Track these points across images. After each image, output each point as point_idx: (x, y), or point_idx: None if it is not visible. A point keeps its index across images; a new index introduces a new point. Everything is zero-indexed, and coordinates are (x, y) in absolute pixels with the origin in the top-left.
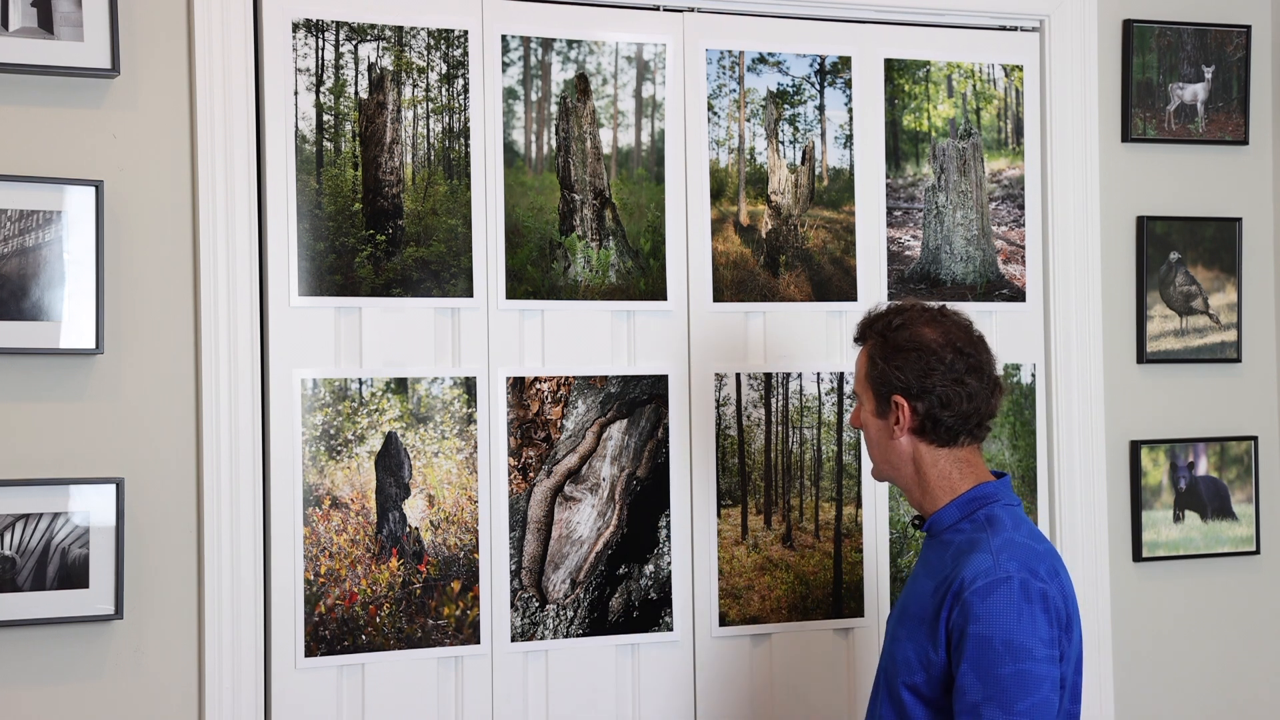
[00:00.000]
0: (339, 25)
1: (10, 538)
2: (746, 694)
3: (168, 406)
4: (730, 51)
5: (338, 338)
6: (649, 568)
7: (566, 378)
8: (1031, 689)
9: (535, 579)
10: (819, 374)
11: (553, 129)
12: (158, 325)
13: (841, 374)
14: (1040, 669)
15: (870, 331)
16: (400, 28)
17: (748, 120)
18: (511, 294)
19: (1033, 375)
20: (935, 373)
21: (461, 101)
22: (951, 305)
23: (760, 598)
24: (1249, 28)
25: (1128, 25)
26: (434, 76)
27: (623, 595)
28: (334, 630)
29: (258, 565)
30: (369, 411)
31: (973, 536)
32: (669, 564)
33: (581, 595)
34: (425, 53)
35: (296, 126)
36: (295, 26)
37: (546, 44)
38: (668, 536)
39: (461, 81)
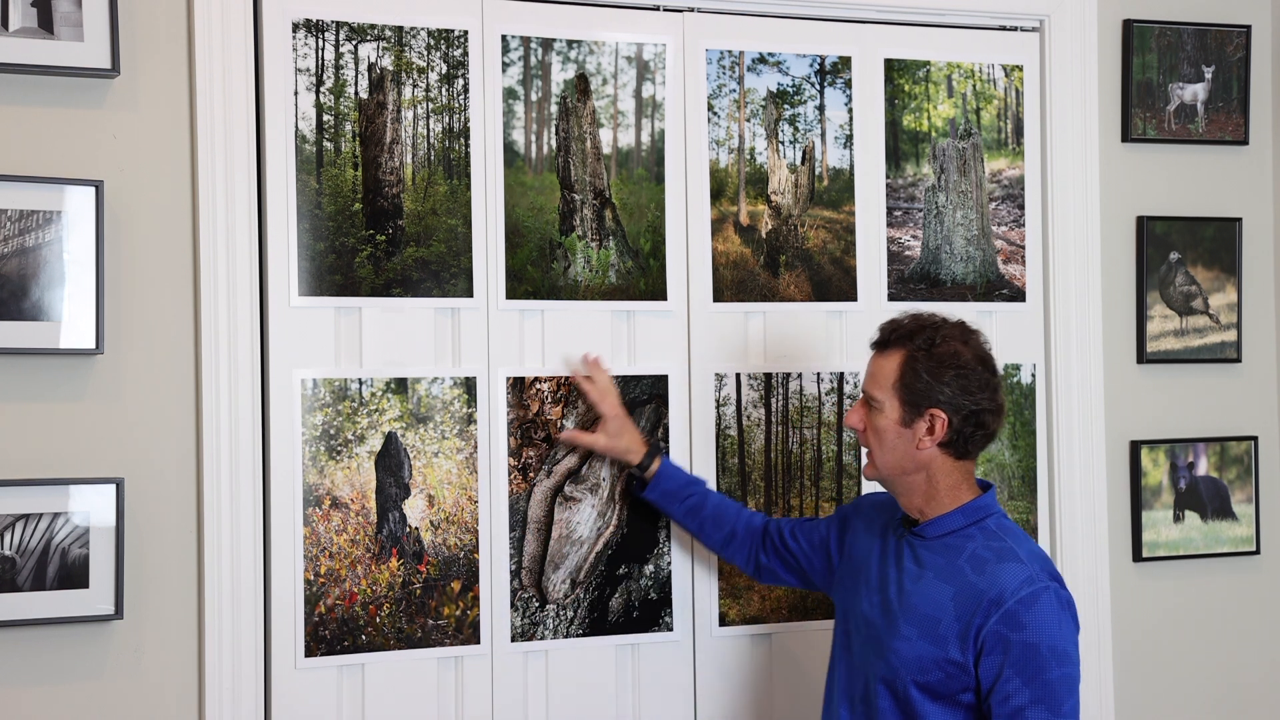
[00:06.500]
0: (339, 25)
1: (10, 538)
2: (746, 694)
3: (168, 406)
4: (730, 51)
5: (338, 338)
6: (649, 568)
7: (567, 378)
8: (1074, 690)
9: (535, 579)
10: (819, 374)
11: (553, 129)
12: (158, 325)
13: (841, 374)
14: (1076, 672)
15: (909, 342)
16: (400, 28)
17: (748, 120)
18: (511, 294)
19: (1033, 375)
20: (976, 392)
21: (461, 101)
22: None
23: (760, 598)
24: (1249, 28)
25: (1128, 25)
26: (434, 76)
27: (623, 595)
28: (334, 630)
29: (258, 565)
30: (369, 411)
31: (995, 546)
32: (669, 564)
33: (581, 595)
34: (425, 53)
35: (296, 126)
36: (295, 26)
37: (546, 44)
38: (668, 536)
39: (461, 81)
